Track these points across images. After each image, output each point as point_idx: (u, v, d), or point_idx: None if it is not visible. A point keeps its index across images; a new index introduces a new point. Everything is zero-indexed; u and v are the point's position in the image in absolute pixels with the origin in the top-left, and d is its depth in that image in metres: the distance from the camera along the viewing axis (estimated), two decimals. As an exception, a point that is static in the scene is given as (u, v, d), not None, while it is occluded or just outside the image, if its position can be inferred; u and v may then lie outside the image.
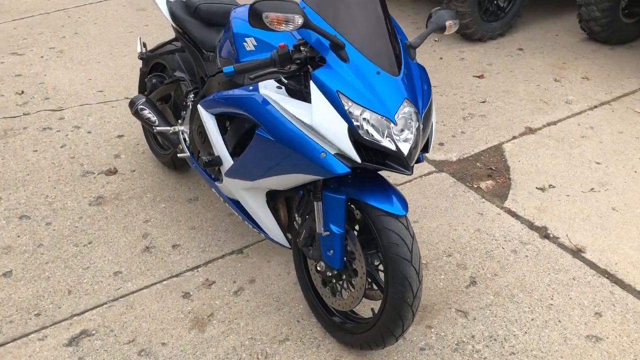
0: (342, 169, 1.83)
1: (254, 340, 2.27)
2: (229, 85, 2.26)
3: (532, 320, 2.32)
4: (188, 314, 2.39)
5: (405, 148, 1.83)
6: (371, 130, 1.80)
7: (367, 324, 2.11)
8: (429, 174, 3.18)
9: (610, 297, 2.40)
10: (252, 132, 2.16)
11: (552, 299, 2.40)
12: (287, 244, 2.35)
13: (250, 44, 2.15)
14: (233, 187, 2.33)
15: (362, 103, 1.79)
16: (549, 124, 3.58)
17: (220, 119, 2.34)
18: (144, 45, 2.94)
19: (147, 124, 2.84)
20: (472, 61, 4.37)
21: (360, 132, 1.79)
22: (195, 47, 2.62)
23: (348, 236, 2.03)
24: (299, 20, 1.71)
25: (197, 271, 2.60)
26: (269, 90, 1.99)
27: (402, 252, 1.90)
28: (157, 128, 2.77)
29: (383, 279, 2.07)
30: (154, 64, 3.12)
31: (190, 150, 2.70)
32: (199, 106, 2.38)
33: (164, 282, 2.55)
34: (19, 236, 2.83)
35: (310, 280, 2.29)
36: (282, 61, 1.87)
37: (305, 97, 1.91)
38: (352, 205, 2.03)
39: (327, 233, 2.01)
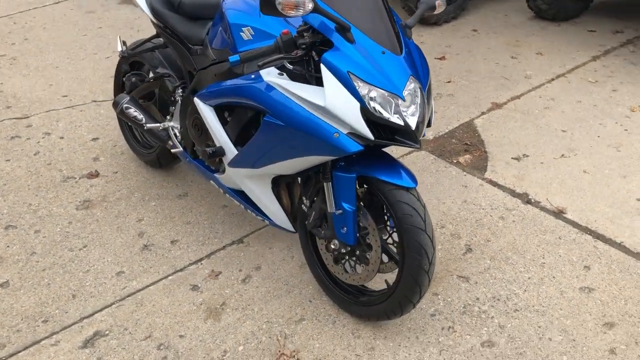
0: (355, 147, 1.90)
1: (270, 323, 2.32)
2: (226, 75, 2.29)
3: (529, 278, 2.47)
4: (200, 305, 2.41)
5: (413, 122, 1.93)
6: (378, 108, 1.88)
7: (383, 294, 2.20)
8: (409, 153, 3.29)
9: (595, 251, 2.59)
10: (255, 120, 2.21)
11: (543, 258, 2.56)
12: (291, 228, 2.40)
13: (247, 33, 2.18)
14: (237, 176, 2.36)
15: (372, 82, 1.87)
16: (513, 99, 3.77)
17: (218, 111, 2.37)
18: (124, 43, 2.91)
19: (134, 123, 2.81)
20: (431, 44, 4.53)
21: (370, 109, 1.87)
22: (180, 41, 2.62)
23: (360, 212, 2.11)
24: (309, 5, 1.77)
25: (201, 264, 2.62)
26: (272, 76, 2.03)
27: (416, 222, 1.99)
28: (147, 125, 2.75)
29: (394, 251, 2.18)
30: (129, 63, 3.09)
31: (183, 145, 2.71)
32: (195, 99, 2.39)
33: (170, 277, 2.55)
34: (8, 246, 2.76)
35: (320, 260, 2.36)
36: (287, 47, 1.93)
37: (309, 80, 1.97)
38: (356, 183, 2.11)
39: (340, 211, 2.08)
